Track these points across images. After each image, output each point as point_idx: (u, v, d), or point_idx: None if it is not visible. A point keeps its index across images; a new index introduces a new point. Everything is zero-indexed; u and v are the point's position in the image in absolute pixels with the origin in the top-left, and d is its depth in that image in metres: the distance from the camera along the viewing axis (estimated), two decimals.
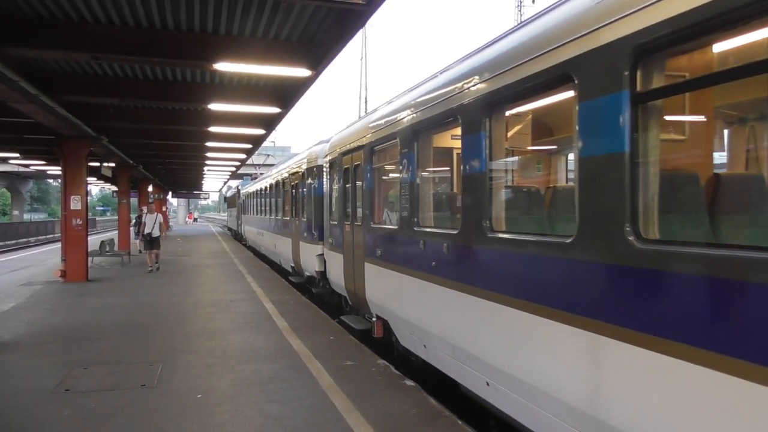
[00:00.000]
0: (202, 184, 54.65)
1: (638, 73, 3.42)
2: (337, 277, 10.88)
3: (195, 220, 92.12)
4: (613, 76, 3.53)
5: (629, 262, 3.44)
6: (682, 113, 4.17)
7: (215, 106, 13.21)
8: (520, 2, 54.33)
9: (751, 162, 4.71)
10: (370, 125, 8.82)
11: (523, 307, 4.53)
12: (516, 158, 6.17)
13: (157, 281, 15.93)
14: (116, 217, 30.83)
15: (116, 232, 27.63)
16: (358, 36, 51.56)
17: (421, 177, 6.94)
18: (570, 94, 4.08)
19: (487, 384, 5.20)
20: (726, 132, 4.66)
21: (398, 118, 7.42)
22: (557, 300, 4.12)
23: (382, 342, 8.60)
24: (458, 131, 5.64)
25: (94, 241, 22.53)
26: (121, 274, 17.78)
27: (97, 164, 22.41)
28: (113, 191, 39.36)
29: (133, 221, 26.96)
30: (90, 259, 17.45)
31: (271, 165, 33.78)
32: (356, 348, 8.42)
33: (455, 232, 5.76)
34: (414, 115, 6.86)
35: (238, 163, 30.41)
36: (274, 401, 6.07)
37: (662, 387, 3.19)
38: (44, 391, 6.37)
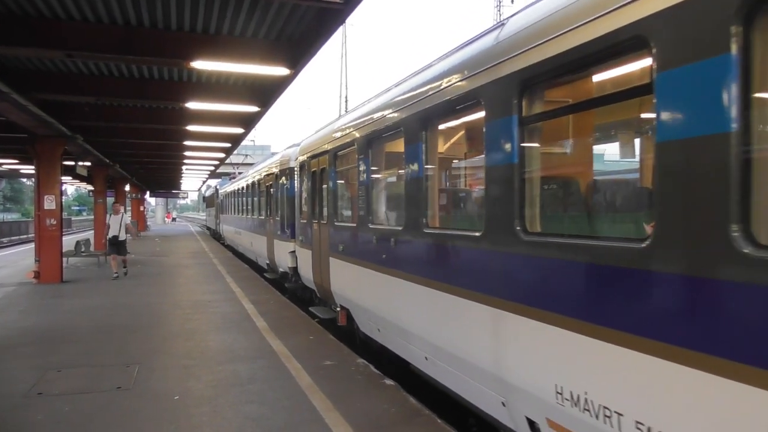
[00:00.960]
0: (180, 183, 54.11)
1: (523, 101, 4.28)
2: (306, 272, 11.58)
3: (174, 219, 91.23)
4: (507, 103, 4.37)
5: (519, 250, 4.29)
6: (565, 131, 5.07)
7: (193, 105, 13.08)
8: (500, 2, 54.74)
9: (623, 170, 5.59)
10: (334, 133, 9.71)
11: (448, 290, 5.37)
12: (446, 166, 7.07)
13: (135, 282, 15.73)
14: (92, 217, 30.40)
15: (92, 232, 27.22)
16: (338, 34, 51.44)
17: (374, 180, 7.87)
18: (482, 114, 4.83)
19: (426, 359, 6.07)
20: (603, 145, 5.63)
21: (356, 128, 8.30)
22: (472, 282, 4.99)
23: (346, 330, 9.37)
24: (403, 140, 6.46)
25: (69, 241, 22.15)
26: (97, 275, 17.49)
27: (72, 163, 22.06)
28: (89, 190, 38.87)
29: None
30: (65, 259, 17.17)
31: (251, 164, 33.77)
32: (336, 347, 8.40)
33: (400, 228, 6.57)
34: (368, 125, 7.74)
35: (217, 162, 30.17)
36: (253, 402, 6.03)
37: (544, 348, 4.02)
38: (16, 395, 6.25)
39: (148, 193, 59.67)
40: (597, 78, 4.12)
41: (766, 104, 2.75)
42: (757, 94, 2.66)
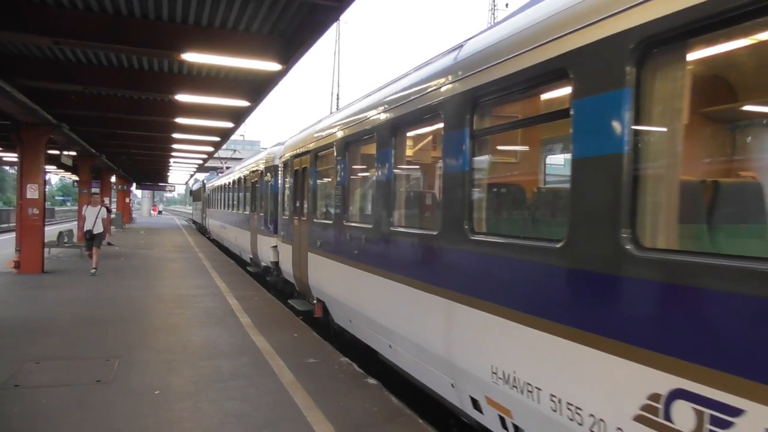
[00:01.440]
0: (167, 176, 53.76)
1: (474, 117, 4.88)
2: (287, 266, 12.13)
3: (160, 212, 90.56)
4: (461, 117, 4.92)
5: (468, 248, 4.85)
6: (508, 144, 5.82)
7: (183, 97, 12.98)
8: (494, 5, 54.92)
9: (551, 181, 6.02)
10: (315, 134, 10.31)
11: (408, 282, 5.97)
12: (411, 170, 7.63)
13: (118, 275, 15.57)
14: (77, 208, 30.07)
15: (76, 223, 26.91)
16: (332, 31, 51.37)
17: (350, 180, 8.30)
18: (441, 125, 5.38)
19: (390, 347, 6.65)
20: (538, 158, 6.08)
21: (335, 131, 8.86)
22: (428, 276, 5.58)
23: (322, 322, 9.87)
24: (375, 146, 7.04)
25: (52, 231, 21.87)
26: (79, 267, 17.26)
27: (57, 152, 21.77)
28: (74, 181, 38.41)
29: None
30: (47, 250, 16.95)
31: (239, 159, 33.81)
32: (319, 345, 8.36)
33: (370, 226, 7.13)
34: (346, 129, 8.34)
35: (205, 156, 29.99)
36: (235, 398, 5.97)
37: (482, 334, 4.62)
38: None
39: (134, 185, 59.15)
40: (535, 99, 4.75)
41: (651, 132, 3.32)
42: (643, 125, 3.24)
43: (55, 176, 63.70)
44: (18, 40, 9.87)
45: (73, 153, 24.65)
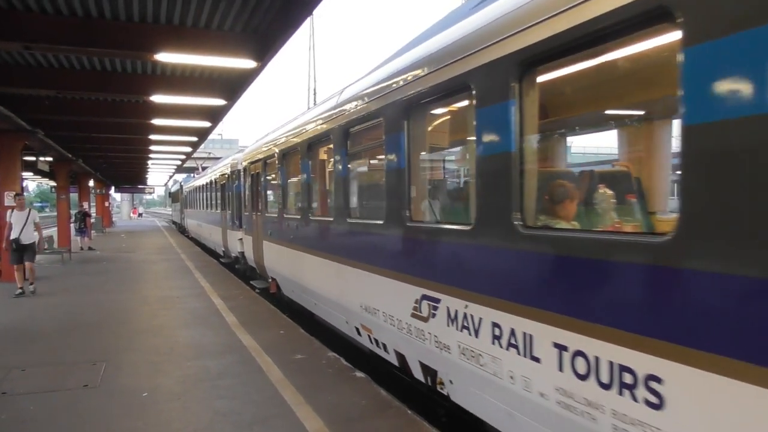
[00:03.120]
0: (146, 178, 53.16)
1: (348, 140, 7.19)
2: (249, 253, 14.44)
3: (140, 215, 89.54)
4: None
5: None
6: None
7: (158, 98, 12.87)
8: None
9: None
10: (263, 146, 12.92)
11: (320, 255, 8.33)
12: (320, 176, 9.36)
13: (100, 279, 15.45)
14: (55, 214, 29.68)
15: (55, 228, 26.59)
16: (306, 26, 50.97)
17: (287, 182, 10.79)
18: (330, 146, 7.53)
19: (315, 304, 9.07)
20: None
21: (274, 144, 11.50)
22: (328, 248, 8.03)
23: (277, 297, 12.11)
24: (305, 156, 9.18)
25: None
26: (61, 272, 17.13)
27: (34, 158, 21.48)
28: (52, 186, 37.88)
29: (73, 218, 26.03)
30: None
31: (218, 158, 33.95)
32: (306, 341, 8.41)
33: (299, 216, 9.49)
34: (280, 144, 10.94)
35: (183, 157, 29.72)
36: (223, 397, 6.01)
37: (358, 284, 6.87)
38: None
39: (113, 188, 58.42)
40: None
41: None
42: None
43: (32, 183, 62.66)
44: None
45: (50, 159, 24.35)
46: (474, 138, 4.42)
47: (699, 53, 2.69)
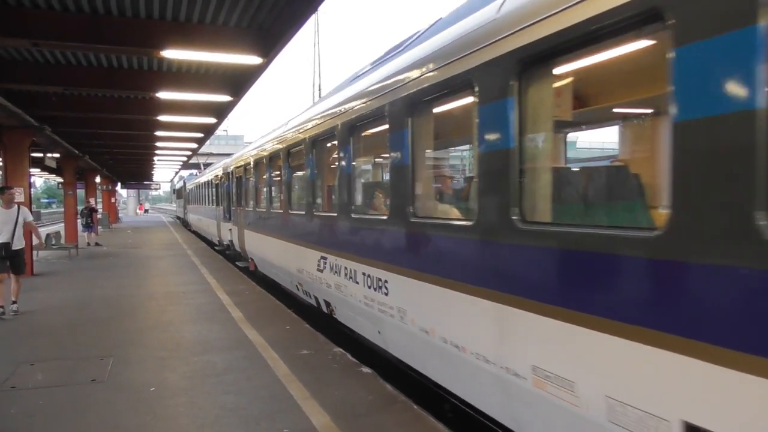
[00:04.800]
0: (152, 174, 53.34)
1: (314, 148, 9.04)
2: (235, 240, 17.78)
3: (146, 211, 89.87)
4: (310, 147, 8.80)
5: (311, 219, 8.94)
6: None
7: (164, 95, 12.90)
8: None
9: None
10: (243, 155, 16.67)
11: (282, 238, 10.88)
12: (280, 179, 11.37)
13: (107, 275, 15.54)
14: (62, 210, 29.83)
15: (63, 224, 26.72)
16: (311, 22, 50.93)
17: (259, 183, 13.97)
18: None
19: (276, 274, 12.31)
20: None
21: (249, 155, 15.05)
22: (288, 234, 10.41)
23: (255, 273, 15.28)
24: (267, 165, 12.29)
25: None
26: (68, 268, 17.23)
27: (41, 155, 21.56)
28: (59, 183, 38.03)
29: (80, 214, 26.13)
30: (35, 253, 16.84)
31: (228, 154, 34.75)
32: (312, 337, 8.43)
33: (265, 210, 12.72)
34: (254, 155, 14.21)
35: (189, 153, 29.81)
36: (230, 392, 6.04)
37: (298, 256, 9.62)
38: None
39: (119, 184, 58.67)
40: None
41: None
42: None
43: (39, 179, 62.93)
44: None
45: (57, 155, 24.42)
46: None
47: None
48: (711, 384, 2.60)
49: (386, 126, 6.07)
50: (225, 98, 13.15)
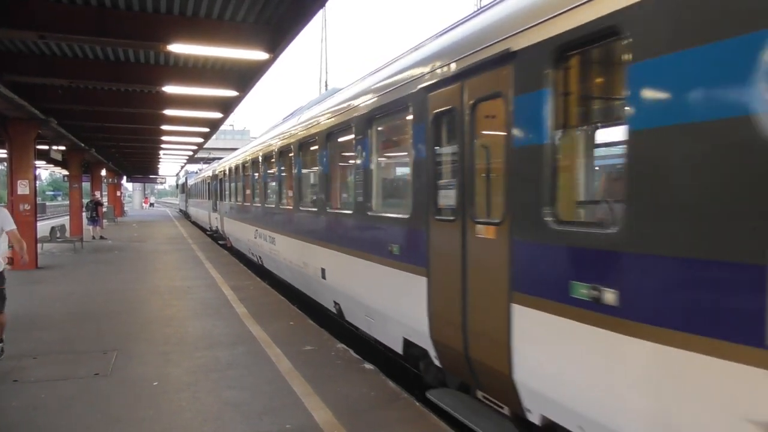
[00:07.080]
0: (158, 168, 53.43)
1: (279, 155, 12.79)
2: (221, 227, 23.46)
3: (152, 205, 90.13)
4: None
5: (254, 208, 15.40)
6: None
7: (170, 89, 12.90)
8: None
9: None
10: (225, 162, 22.59)
11: (249, 222, 15.87)
12: (248, 178, 16.25)
13: (112, 269, 15.58)
14: (68, 202, 29.92)
15: (68, 217, 26.80)
16: (319, 17, 50.80)
17: (233, 183, 19.33)
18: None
19: (251, 253, 16.35)
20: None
21: (227, 162, 21.74)
22: (253, 220, 15.59)
23: (231, 248, 20.98)
24: (240, 170, 18.21)
25: (44, 227, 21.80)
26: (73, 261, 17.28)
27: (47, 147, 21.59)
28: (64, 175, 38.11)
29: (85, 207, 26.20)
30: (40, 245, 16.91)
31: (234, 149, 36.77)
32: (316, 333, 8.43)
33: (239, 203, 17.87)
34: (227, 164, 21.25)
35: (195, 147, 29.84)
36: (233, 387, 6.04)
37: (250, 232, 15.66)
38: None
39: (125, 178, 58.79)
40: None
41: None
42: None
43: (44, 171, 63.15)
44: (3, 35, 9.77)
45: (62, 147, 24.48)
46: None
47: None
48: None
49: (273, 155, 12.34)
50: (231, 93, 13.13)
